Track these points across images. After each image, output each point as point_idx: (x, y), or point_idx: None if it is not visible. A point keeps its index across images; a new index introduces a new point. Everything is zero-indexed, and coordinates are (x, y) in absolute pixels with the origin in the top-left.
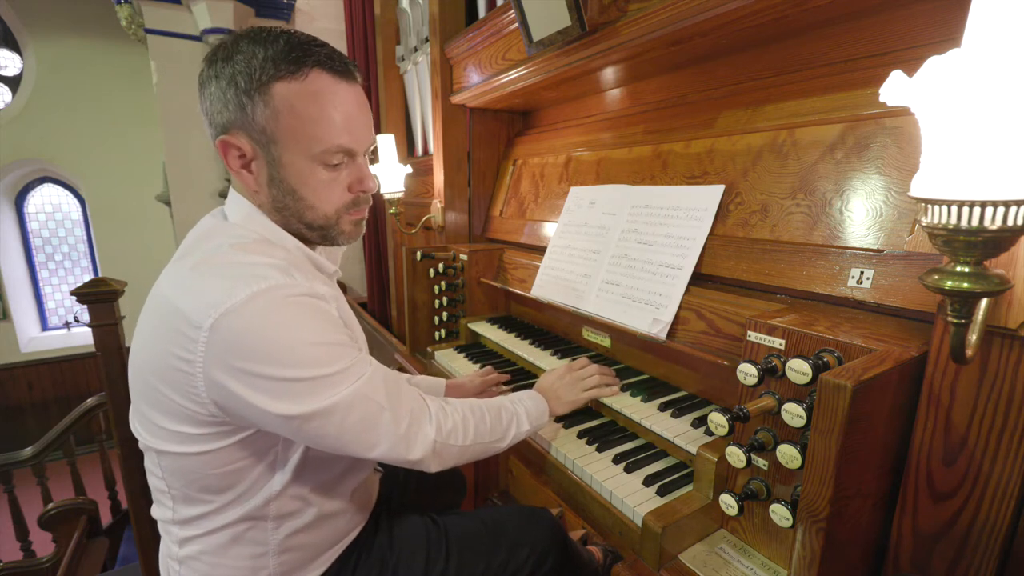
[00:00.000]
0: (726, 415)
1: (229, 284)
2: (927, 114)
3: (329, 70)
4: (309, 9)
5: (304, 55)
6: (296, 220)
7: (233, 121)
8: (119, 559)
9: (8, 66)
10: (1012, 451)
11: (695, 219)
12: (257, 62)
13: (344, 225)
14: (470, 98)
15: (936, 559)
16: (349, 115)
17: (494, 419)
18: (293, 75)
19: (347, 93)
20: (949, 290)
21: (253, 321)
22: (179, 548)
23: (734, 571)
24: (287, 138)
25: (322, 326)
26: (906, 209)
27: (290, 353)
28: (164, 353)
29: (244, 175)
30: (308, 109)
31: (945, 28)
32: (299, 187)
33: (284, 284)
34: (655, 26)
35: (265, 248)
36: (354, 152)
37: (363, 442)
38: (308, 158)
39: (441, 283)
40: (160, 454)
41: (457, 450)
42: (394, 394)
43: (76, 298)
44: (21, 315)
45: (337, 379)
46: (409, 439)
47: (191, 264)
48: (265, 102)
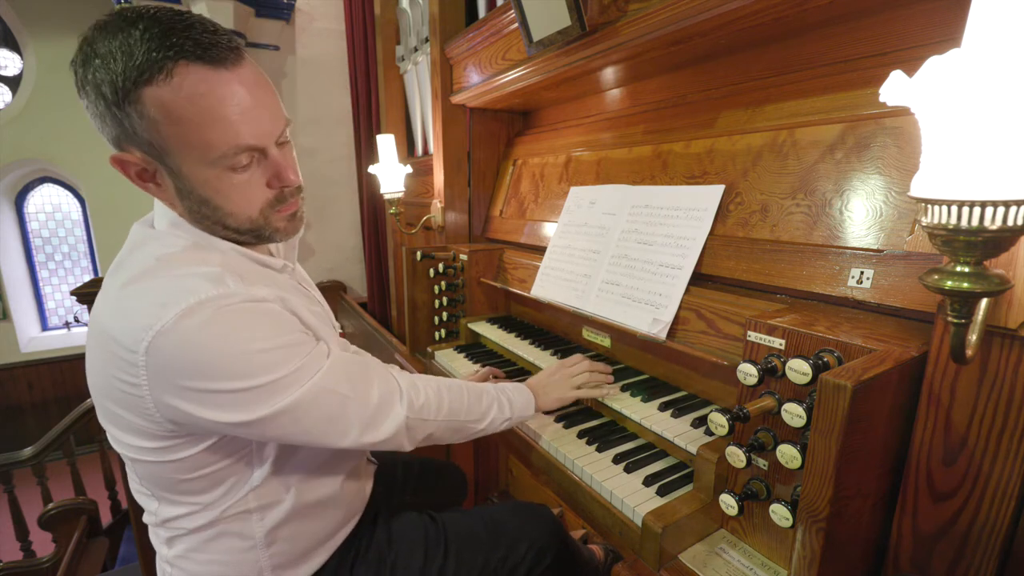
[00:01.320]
0: (726, 415)
1: (158, 304)
2: (927, 114)
3: (200, 60)
4: (309, 9)
5: (165, 47)
6: (221, 228)
7: (118, 135)
8: (119, 559)
9: (8, 66)
10: (1012, 451)
11: (695, 219)
12: (116, 66)
13: (276, 223)
14: (470, 98)
15: (936, 559)
16: (240, 108)
17: (472, 399)
18: (158, 76)
19: (230, 82)
20: (949, 290)
21: (189, 338)
22: (168, 549)
23: (734, 571)
24: (177, 147)
25: (265, 330)
26: (906, 209)
27: (232, 364)
28: (110, 378)
29: (152, 189)
30: (188, 113)
31: (945, 28)
32: (211, 196)
33: (216, 295)
34: (655, 26)
35: (195, 255)
36: (261, 147)
37: (332, 433)
38: (208, 165)
39: (441, 283)
40: (133, 462)
41: (430, 425)
42: (359, 379)
43: (76, 298)
44: (21, 315)
45: (291, 379)
46: (378, 420)
47: (119, 284)
48: (139, 112)
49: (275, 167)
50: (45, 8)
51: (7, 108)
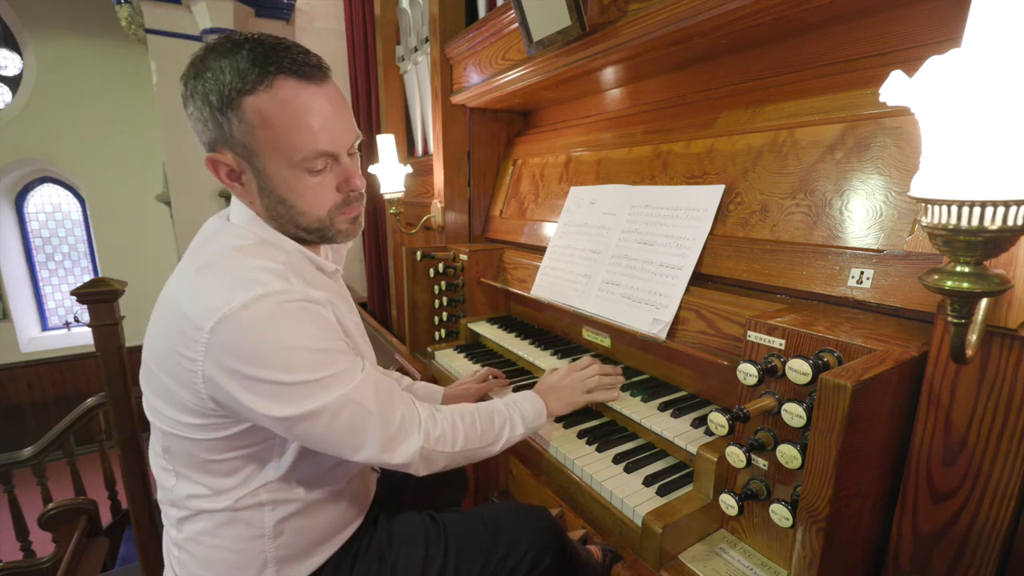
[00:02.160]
0: (726, 415)
1: (228, 289)
2: (927, 114)
3: (295, 75)
4: (309, 9)
5: (267, 63)
6: (292, 226)
7: (216, 139)
8: (119, 559)
9: (8, 66)
10: (1012, 451)
11: (695, 219)
12: (224, 78)
13: (340, 224)
14: (470, 98)
15: (936, 559)
16: (323, 118)
17: (486, 425)
18: (259, 87)
19: (317, 96)
20: (949, 290)
21: (249, 326)
22: (177, 531)
23: (734, 571)
24: (266, 150)
25: (315, 331)
26: (906, 209)
27: (282, 357)
28: (170, 351)
29: (237, 188)
30: (280, 119)
31: (945, 28)
32: (287, 195)
33: (280, 290)
34: (655, 26)
35: (265, 251)
36: (335, 154)
37: (349, 444)
38: (290, 166)
39: (441, 283)
40: (165, 434)
41: (445, 456)
42: (384, 400)
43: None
44: (21, 315)
45: (326, 383)
46: (395, 444)
47: (195, 267)
48: (239, 118)
49: (345, 173)
50: (45, 8)
51: (7, 108)
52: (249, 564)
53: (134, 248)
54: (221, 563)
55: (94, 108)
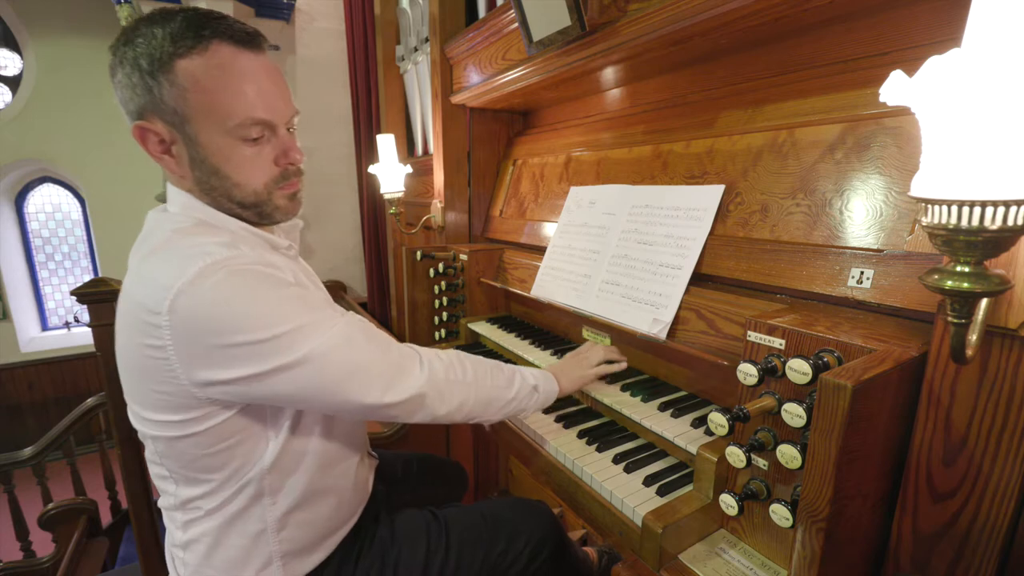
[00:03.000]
0: (726, 415)
1: (176, 265)
2: (927, 114)
3: (231, 40)
4: (309, 9)
5: (202, 28)
6: (226, 200)
7: (144, 105)
8: (119, 559)
9: (8, 66)
10: (1012, 451)
11: (695, 219)
12: (156, 42)
13: (277, 200)
14: (470, 98)
15: (936, 559)
16: (259, 85)
17: (493, 367)
18: (193, 49)
19: (254, 63)
20: (949, 290)
21: (206, 296)
22: (182, 533)
23: (734, 571)
24: (199, 116)
25: (275, 288)
26: (906, 209)
27: (249, 318)
28: (137, 346)
29: (166, 160)
30: (214, 83)
31: (945, 28)
32: (221, 165)
33: (230, 256)
34: (655, 26)
35: (206, 230)
36: (272, 124)
37: (346, 390)
38: (224, 134)
39: (441, 283)
40: (155, 440)
41: (459, 387)
42: (374, 336)
43: (76, 298)
44: (21, 315)
45: (306, 330)
46: (397, 381)
47: (140, 257)
48: (170, 81)
49: (283, 145)
50: (45, 8)
51: (7, 108)
52: (254, 560)
53: None
54: (226, 560)
55: (94, 108)
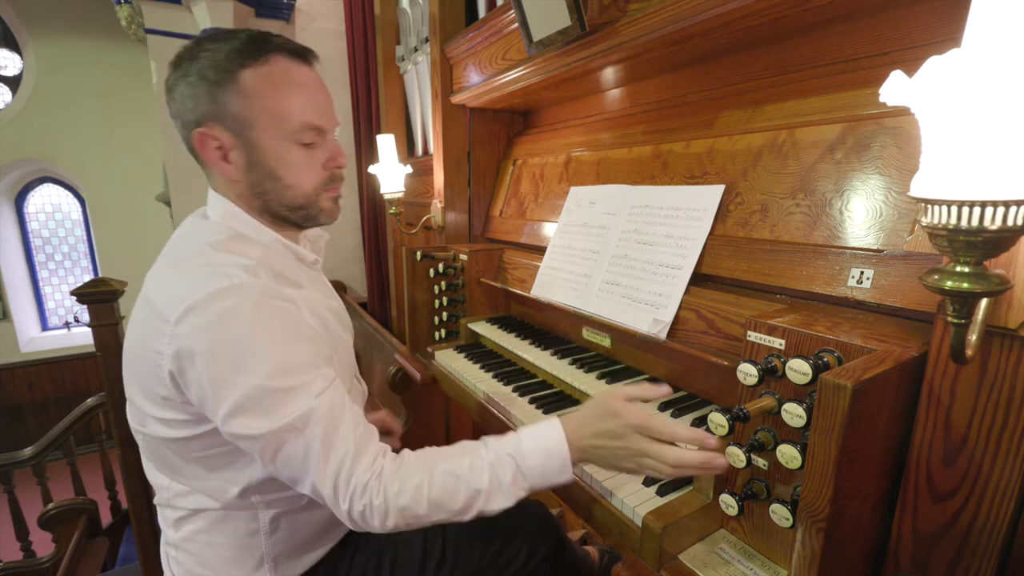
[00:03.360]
0: (726, 415)
1: (196, 280)
2: (927, 114)
3: (289, 54)
4: (309, 9)
5: (264, 42)
6: (276, 203)
7: (206, 113)
8: (119, 559)
9: (8, 66)
10: (1012, 451)
11: (695, 219)
12: (222, 55)
13: (323, 203)
14: (470, 98)
15: (936, 559)
16: (313, 93)
17: (450, 489)
18: (256, 60)
19: (308, 74)
20: (949, 290)
21: (212, 319)
22: (175, 531)
23: (734, 571)
24: (261, 121)
25: (280, 333)
26: (906, 209)
27: (237, 355)
28: (143, 345)
29: (223, 166)
30: (275, 90)
31: (945, 28)
32: (277, 167)
33: (247, 283)
34: (655, 26)
35: (239, 246)
36: (323, 130)
37: (287, 475)
38: (282, 138)
39: (441, 283)
40: (151, 439)
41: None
42: (329, 436)
43: (76, 298)
44: (21, 315)
45: (274, 397)
46: (331, 496)
47: (169, 263)
48: (235, 90)
49: (332, 150)
50: (45, 8)
51: (7, 108)
52: (246, 560)
53: (134, 248)
54: (218, 560)
55: (94, 108)
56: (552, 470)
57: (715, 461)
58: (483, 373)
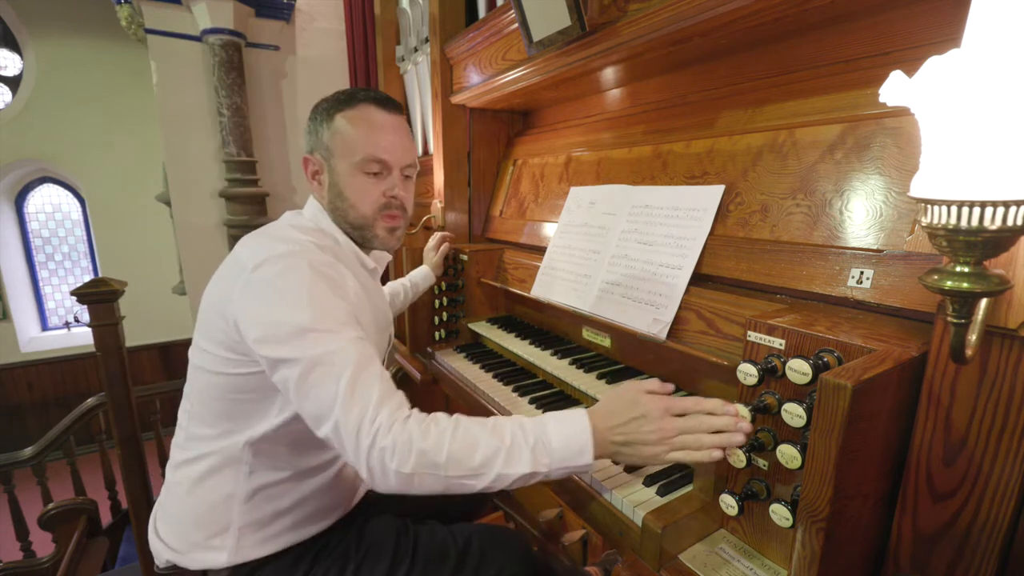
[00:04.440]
0: (747, 407)
1: (273, 243)
2: (927, 114)
3: (373, 103)
4: (309, 9)
5: (356, 93)
6: (343, 219)
7: (311, 144)
8: (119, 559)
9: (8, 66)
10: (1012, 451)
11: (695, 219)
12: (329, 103)
13: (378, 229)
14: (470, 98)
15: (936, 559)
16: (383, 134)
17: (468, 445)
18: (348, 106)
19: (385, 118)
20: (949, 290)
21: (277, 270)
22: (171, 475)
23: (734, 571)
24: (339, 151)
25: (326, 290)
26: (906, 209)
27: (289, 298)
28: (221, 288)
29: (315, 184)
30: (354, 128)
31: (945, 28)
32: (345, 189)
33: (311, 251)
34: (655, 26)
35: (315, 234)
36: (386, 163)
37: (314, 409)
38: (352, 166)
39: (441, 283)
40: (197, 369)
41: (404, 478)
42: (357, 377)
43: (76, 298)
44: (21, 315)
45: (314, 336)
46: (354, 433)
47: (259, 233)
48: (329, 127)
49: (392, 182)
50: (45, 8)
51: (7, 108)
52: (214, 522)
53: (134, 248)
54: (190, 516)
55: (94, 108)
56: (574, 449)
57: (741, 424)
58: (483, 373)
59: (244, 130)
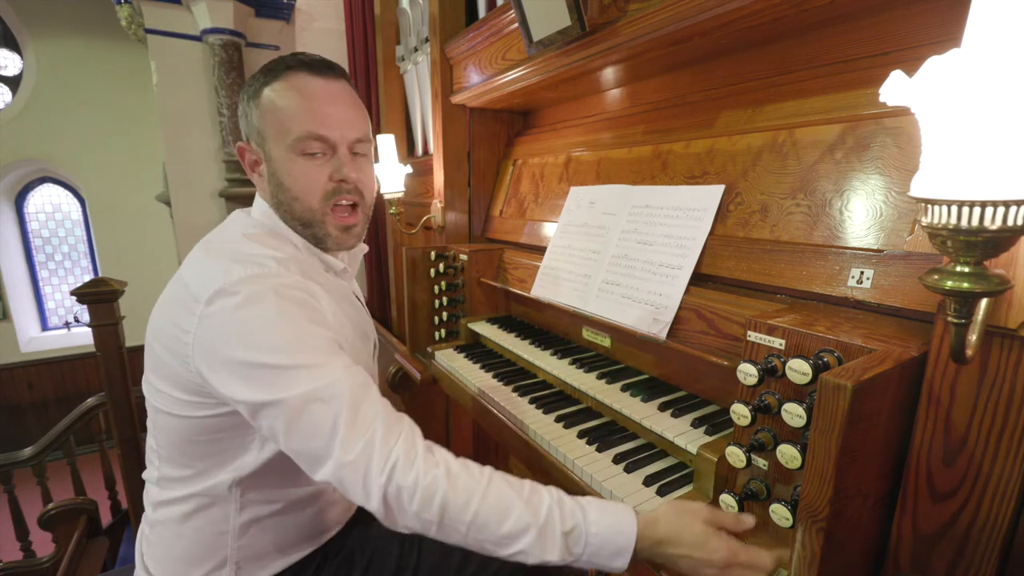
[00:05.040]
0: (747, 406)
1: (228, 266)
2: (927, 114)
3: (305, 69)
4: (309, 9)
5: (282, 60)
6: (288, 215)
7: (245, 130)
8: (119, 559)
9: (8, 66)
10: (1012, 451)
11: (695, 219)
12: (255, 78)
13: (329, 226)
14: (470, 98)
15: (936, 559)
16: (321, 103)
17: (496, 503)
18: (276, 78)
19: (321, 85)
20: (949, 290)
21: (240, 303)
22: (152, 511)
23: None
24: (271, 132)
25: (301, 319)
26: (906, 209)
27: (262, 337)
28: (170, 322)
29: (255, 177)
30: (284, 101)
31: (945, 28)
32: (284, 178)
33: (276, 273)
34: (655, 26)
35: (272, 241)
36: (326, 139)
37: (309, 452)
38: (287, 148)
39: (441, 283)
40: (157, 411)
41: (414, 518)
42: (355, 408)
43: (76, 298)
44: (21, 315)
45: (297, 373)
46: (362, 471)
47: (207, 247)
48: (256, 105)
49: (338, 163)
50: (45, 8)
51: (7, 108)
52: (207, 560)
53: (134, 248)
54: (183, 554)
55: (94, 108)
56: (610, 550)
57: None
58: (483, 373)
59: None
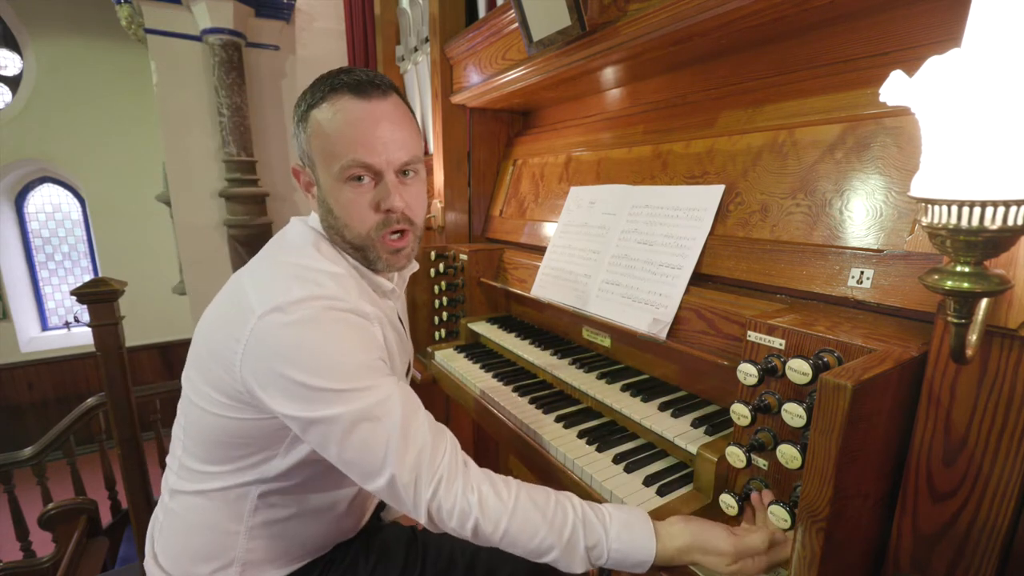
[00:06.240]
0: (747, 406)
1: (289, 283)
2: (927, 114)
3: (350, 90)
4: (309, 9)
5: (325, 81)
6: (340, 239)
7: (297, 151)
8: (119, 559)
9: (8, 66)
10: (1012, 451)
11: (695, 219)
12: (305, 97)
13: (380, 250)
14: (470, 98)
15: (936, 559)
16: (367, 130)
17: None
18: (323, 100)
19: (367, 110)
20: (949, 290)
21: (294, 322)
22: (169, 499)
23: None
24: (319, 158)
25: (355, 343)
26: (906, 209)
27: (314, 361)
28: (222, 329)
29: (309, 197)
30: (329, 127)
31: (945, 28)
32: (333, 205)
33: (333, 295)
34: (655, 26)
35: (333, 254)
36: (372, 167)
37: (362, 467)
38: (333, 176)
39: (441, 283)
40: (190, 403)
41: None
42: (406, 426)
43: (76, 298)
44: (21, 315)
45: (349, 396)
46: (412, 488)
47: (272, 260)
48: (305, 128)
49: (384, 190)
50: (45, 8)
51: (7, 108)
52: (216, 557)
53: (134, 248)
54: (191, 549)
55: (94, 108)
56: (632, 561)
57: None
58: (483, 373)
59: (244, 130)
